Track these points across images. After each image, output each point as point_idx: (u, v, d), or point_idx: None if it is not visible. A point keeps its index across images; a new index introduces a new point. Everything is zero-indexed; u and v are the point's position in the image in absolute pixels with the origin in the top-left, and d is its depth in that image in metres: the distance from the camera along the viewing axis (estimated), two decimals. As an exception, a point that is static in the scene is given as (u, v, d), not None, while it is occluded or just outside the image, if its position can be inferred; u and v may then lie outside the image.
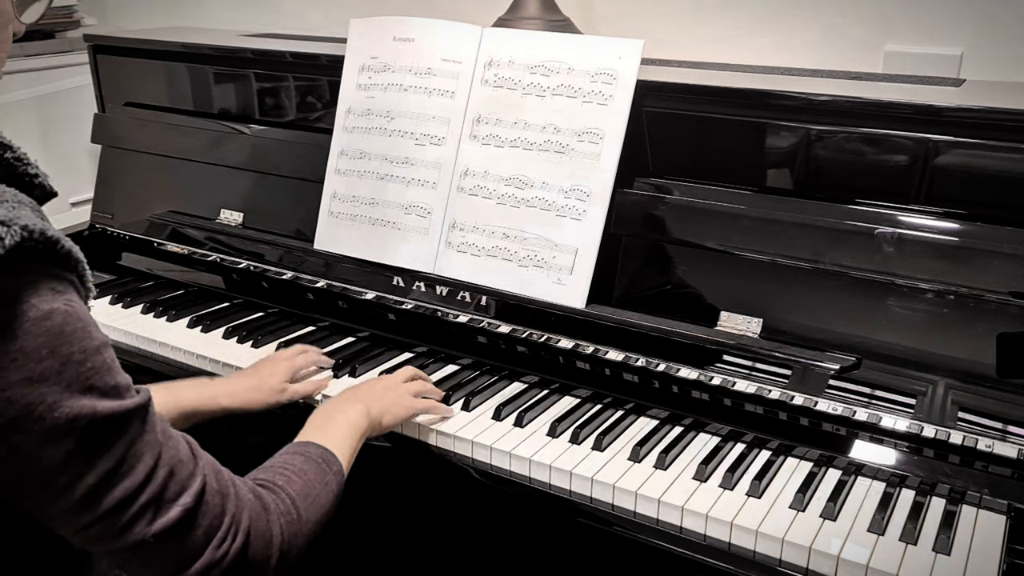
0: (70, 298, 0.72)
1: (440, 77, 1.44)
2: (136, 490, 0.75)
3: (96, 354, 0.72)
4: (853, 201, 1.20)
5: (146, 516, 0.76)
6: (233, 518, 0.82)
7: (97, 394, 0.72)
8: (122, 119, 1.87)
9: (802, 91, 1.22)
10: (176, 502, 0.77)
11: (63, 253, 0.72)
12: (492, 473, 1.19)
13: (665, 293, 1.31)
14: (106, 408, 0.72)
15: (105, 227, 1.85)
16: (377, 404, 1.18)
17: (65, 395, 0.70)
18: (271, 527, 0.86)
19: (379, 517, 1.64)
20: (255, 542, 0.83)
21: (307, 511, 0.92)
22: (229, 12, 2.27)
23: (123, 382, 0.75)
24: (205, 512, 0.79)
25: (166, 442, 0.78)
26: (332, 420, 1.11)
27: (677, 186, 1.31)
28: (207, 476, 0.81)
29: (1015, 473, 1.07)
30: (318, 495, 0.95)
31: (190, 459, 0.80)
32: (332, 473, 1.00)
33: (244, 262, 1.64)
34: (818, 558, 1.00)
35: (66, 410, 0.70)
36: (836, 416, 1.15)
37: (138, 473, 0.75)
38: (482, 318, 1.39)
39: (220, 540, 0.80)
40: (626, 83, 1.29)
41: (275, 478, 0.93)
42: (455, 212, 1.42)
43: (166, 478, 0.77)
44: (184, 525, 0.78)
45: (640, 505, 1.10)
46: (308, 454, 1.00)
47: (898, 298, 1.16)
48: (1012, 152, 1.11)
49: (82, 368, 0.71)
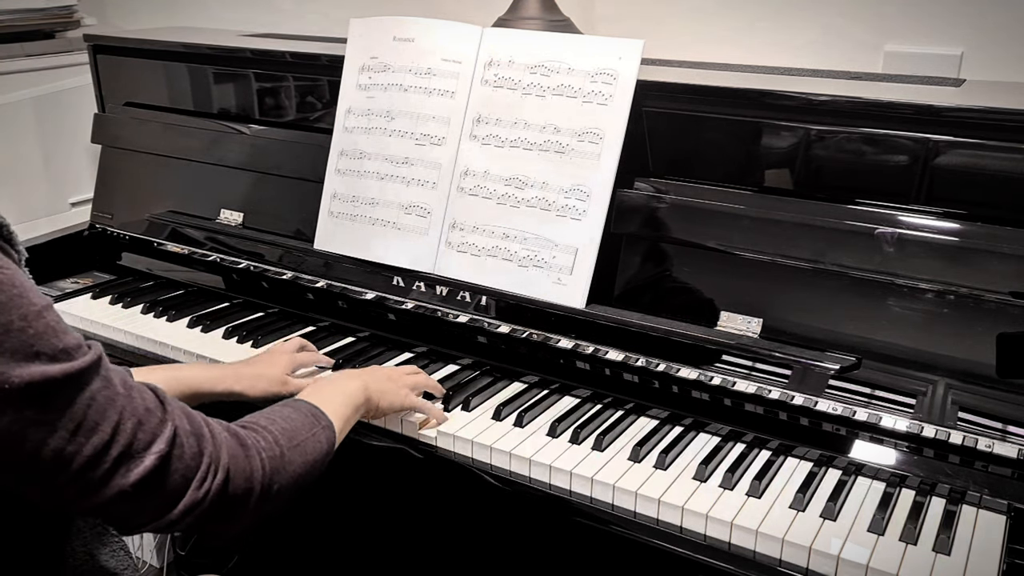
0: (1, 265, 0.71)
1: (440, 77, 1.44)
2: (105, 445, 0.75)
3: (38, 318, 0.71)
4: (853, 201, 1.20)
5: (120, 469, 0.76)
6: (211, 457, 0.82)
7: (46, 359, 0.71)
8: (122, 119, 1.87)
9: (802, 91, 1.22)
10: (149, 450, 0.77)
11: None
12: (492, 473, 1.19)
13: (665, 293, 1.31)
14: (58, 371, 0.72)
15: (105, 227, 1.85)
16: (376, 385, 1.18)
17: (11, 364, 0.69)
18: (251, 462, 0.86)
19: (379, 516, 1.65)
20: (235, 478, 0.84)
21: (291, 452, 0.92)
22: (229, 12, 2.27)
23: (72, 343, 0.74)
24: (181, 456, 0.80)
25: (129, 393, 0.78)
26: (329, 388, 1.12)
27: (677, 186, 1.31)
28: (177, 420, 0.81)
29: (1015, 473, 1.07)
30: (304, 440, 0.95)
31: (157, 406, 0.80)
32: (321, 427, 1.00)
33: (244, 262, 1.64)
34: (818, 558, 1.00)
35: (16, 379, 0.69)
36: (836, 416, 1.15)
37: (104, 429, 0.75)
38: (482, 318, 1.39)
39: (200, 480, 0.81)
40: (626, 83, 1.29)
41: (258, 420, 0.94)
42: (455, 212, 1.42)
43: (134, 428, 0.77)
44: (161, 471, 0.78)
45: (640, 505, 1.10)
46: (297, 407, 1.01)
47: (898, 298, 1.16)
48: (1012, 152, 1.11)
49: (24, 335, 0.70)
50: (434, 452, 1.24)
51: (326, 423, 1.01)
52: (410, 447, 1.25)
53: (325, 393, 1.10)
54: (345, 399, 1.11)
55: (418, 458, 1.24)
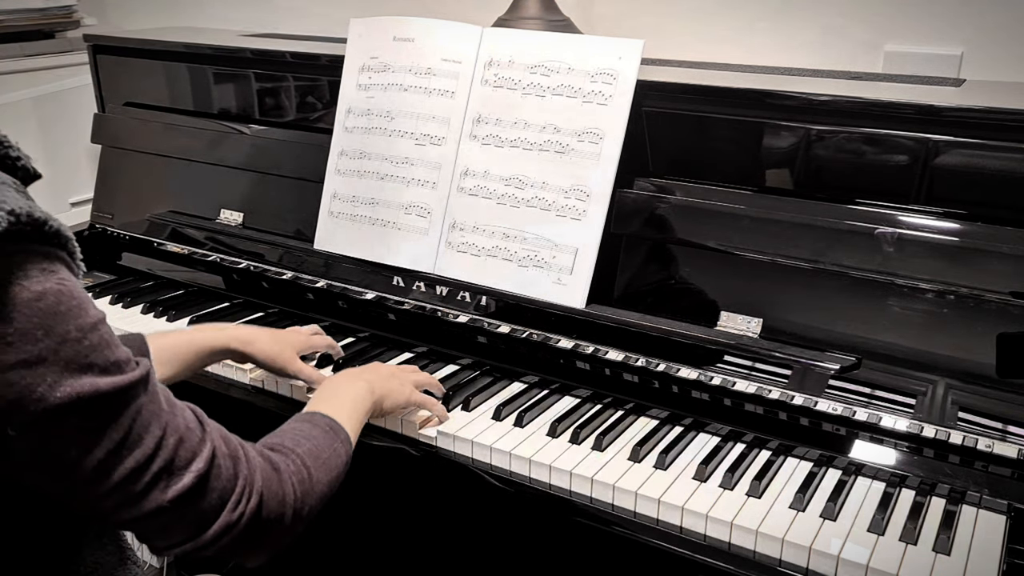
0: (62, 277, 0.72)
1: (440, 77, 1.44)
2: (147, 460, 0.75)
3: (93, 331, 0.72)
4: (853, 201, 1.20)
5: (160, 484, 0.77)
6: (246, 480, 0.83)
7: (97, 371, 0.72)
8: (122, 119, 1.87)
9: (802, 91, 1.22)
10: (188, 468, 0.78)
11: (51, 232, 0.71)
12: (492, 473, 1.19)
13: (665, 293, 1.31)
14: (107, 384, 0.73)
15: (105, 227, 1.85)
16: (380, 386, 1.19)
17: (64, 375, 0.70)
18: (283, 486, 0.87)
19: (378, 516, 1.64)
20: (269, 502, 0.85)
21: (317, 471, 0.93)
22: (229, 12, 2.27)
23: (123, 356, 0.75)
24: (218, 476, 0.81)
25: (172, 410, 0.79)
26: (338, 394, 1.12)
27: (677, 186, 1.31)
28: (216, 441, 0.82)
29: (1015, 473, 1.07)
30: (328, 458, 0.96)
31: (197, 426, 0.81)
32: (340, 441, 1.01)
33: (244, 262, 1.64)
34: (818, 558, 1.00)
35: (67, 389, 0.70)
36: (836, 416, 1.15)
37: (147, 443, 0.76)
38: (482, 318, 1.39)
39: (235, 502, 0.82)
40: (626, 83, 1.29)
41: (284, 441, 0.94)
42: (455, 212, 1.42)
43: (176, 445, 0.78)
44: (198, 490, 0.79)
45: (640, 505, 1.10)
46: (315, 422, 1.01)
47: (898, 298, 1.16)
48: (1012, 152, 1.11)
49: (79, 346, 0.71)
50: (434, 452, 1.24)
51: (344, 436, 1.02)
52: (410, 447, 1.25)
53: (336, 401, 1.10)
54: (355, 405, 1.11)
55: (418, 458, 1.24)
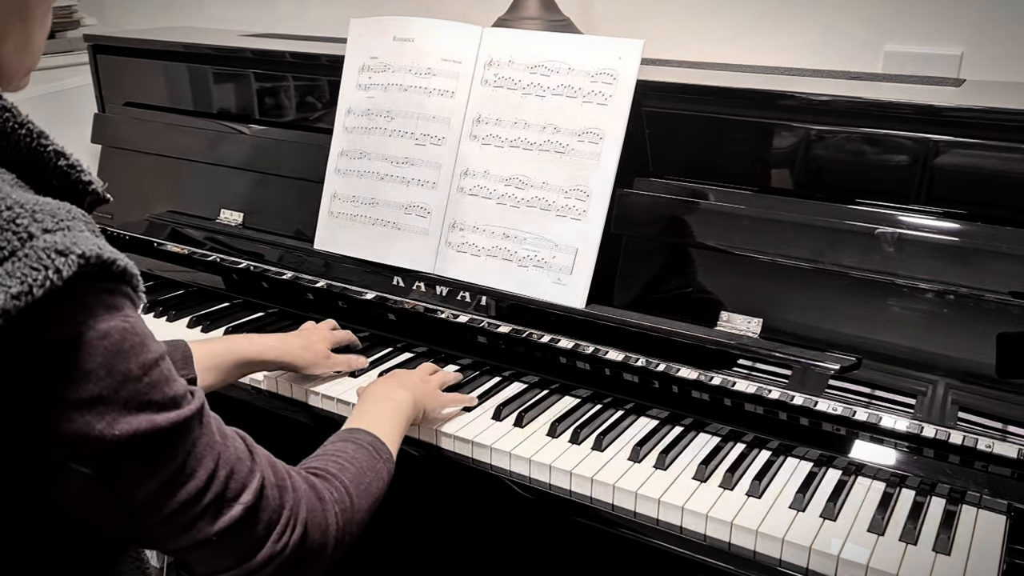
0: (127, 314, 0.71)
1: (440, 77, 1.44)
2: (199, 492, 0.75)
3: (154, 367, 0.72)
4: (853, 201, 1.20)
5: (208, 515, 0.77)
6: (292, 511, 0.83)
7: (155, 408, 0.72)
8: (122, 119, 1.87)
9: (802, 91, 1.22)
10: (238, 500, 0.78)
11: (119, 271, 0.71)
12: (492, 473, 1.19)
13: (665, 293, 1.31)
14: (165, 420, 0.72)
15: (105, 227, 1.85)
16: (418, 391, 1.20)
17: (123, 412, 0.70)
18: (327, 516, 0.88)
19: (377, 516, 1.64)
20: (312, 532, 0.85)
21: (359, 499, 0.94)
22: (229, 12, 2.27)
23: (180, 391, 0.75)
24: (265, 507, 0.81)
25: (224, 442, 0.79)
26: (380, 406, 1.13)
27: (677, 186, 1.31)
28: (264, 471, 0.82)
29: (1015, 473, 1.07)
30: (370, 483, 0.97)
31: (247, 456, 0.81)
32: (382, 461, 1.01)
33: (244, 262, 1.64)
34: (818, 558, 1.00)
35: (125, 427, 0.70)
36: (836, 416, 1.15)
37: (200, 476, 0.75)
38: (482, 318, 1.39)
39: (280, 533, 0.82)
40: (626, 83, 1.29)
41: (328, 466, 0.94)
42: (455, 212, 1.42)
43: (227, 478, 0.78)
44: (246, 521, 0.79)
45: (640, 505, 1.10)
46: (359, 441, 1.02)
47: (898, 298, 1.16)
48: (1012, 152, 1.11)
49: (140, 384, 0.71)
50: (434, 452, 1.24)
51: (387, 456, 1.03)
52: (410, 447, 1.25)
53: (379, 414, 1.10)
54: (397, 416, 1.12)
55: (418, 458, 1.24)
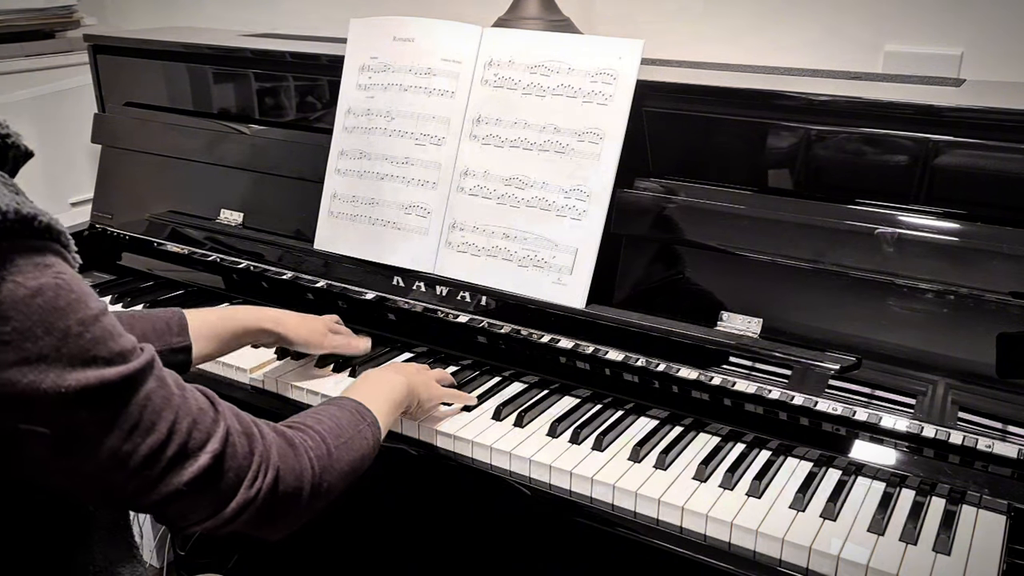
0: (59, 270, 0.71)
1: (440, 77, 1.44)
2: (162, 444, 0.76)
3: (95, 323, 0.72)
4: (853, 201, 1.20)
5: (176, 467, 0.77)
6: (262, 456, 0.84)
7: (102, 363, 0.72)
8: (122, 119, 1.87)
9: (802, 91, 1.22)
10: (203, 449, 0.79)
11: (42, 227, 0.71)
12: (492, 473, 1.19)
13: (665, 293, 1.31)
14: (114, 374, 0.72)
15: (105, 227, 1.85)
16: (414, 379, 1.21)
17: (68, 369, 0.70)
18: (299, 460, 0.88)
19: (377, 515, 1.65)
20: (285, 476, 0.85)
21: (338, 449, 0.94)
22: (229, 12, 2.27)
23: (127, 345, 0.75)
24: (233, 455, 0.81)
25: (183, 394, 0.79)
26: (371, 384, 1.14)
27: (677, 186, 1.31)
28: (229, 420, 0.82)
29: (1015, 473, 1.07)
30: (351, 438, 0.97)
31: (209, 407, 0.82)
32: (366, 424, 1.02)
33: (244, 262, 1.64)
34: (818, 558, 1.00)
35: (72, 383, 0.70)
36: (836, 416, 1.15)
37: (160, 428, 0.76)
38: (482, 318, 1.39)
39: (252, 479, 0.82)
40: (626, 83, 1.29)
41: (304, 419, 0.95)
42: (455, 212, 1.42)
43: (189, 428, 0.78)
44: (215, 470, 0.79)
45: (640, 505, 1.10)
46: (341, 404, 1.03)
47: (898, 298, 1.16)
48: (1012, 152, 1.11)
49: (82, 340, 0.71)
50: (434, 452, 1.24)
51: (371, 420, 1.03)
52: (409, 446, 1.25)
53: (370, 390, 1.11)
54: (389, 395, 1.13)
55: (417, 458, 1.24)
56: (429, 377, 1.26)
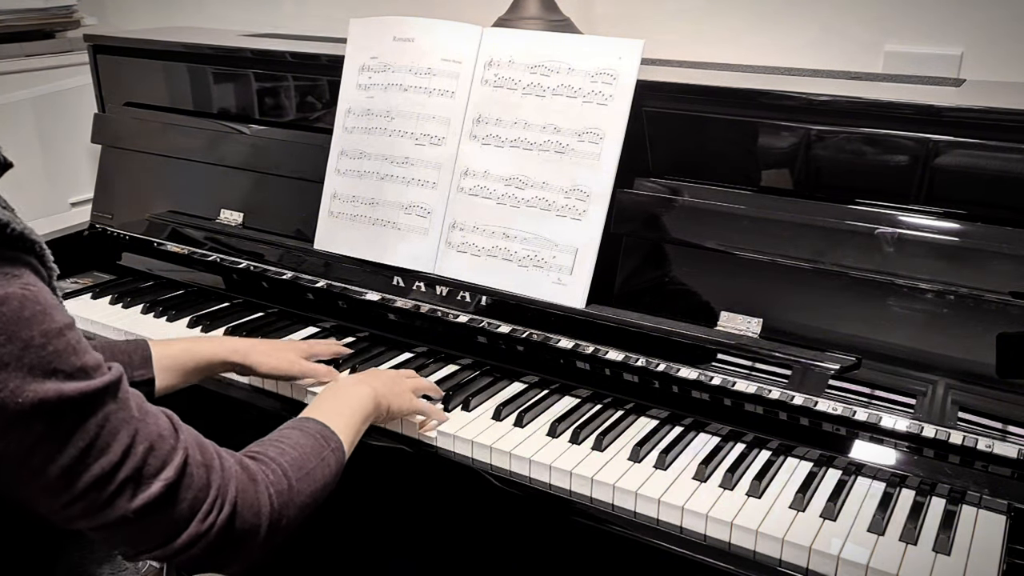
0: (27, 282, 0.71)
1: (440, 77, 1.44)
2: (114, 467, 0.74)
3: (58, 336, 0.72)
4: (853, 201, 1.20)
5: (126, 492, 0.75)
6: (219, 490, 0.82)
7: (62, 376, 0.71)
8: (122, 119, 1.87)
9: (802, 91, 1.22)
10: (157, 477, 0.77)
11: (14, 236, 0.71)
12: (492, 473, 1.19)
13: (665, 293, 1.31)
14: (73, 389, 0.72)
15: (105, 227, 1.85)
16: (384, 390, 1.18)
17: (28, 380, 0.69)
18: (259, 497, 0.85)
19: (378, 516, 1.64)
20: (243, 512, 0.83)
21: (300, 482, 0.91)
22: (229, 12, 2.27)
23: (91, 362, 0.74)
24: (189, 485, 0.79)
25: (143, 418, 0.78)
26: (337, 398, 1.12)
27: (677, 186, 1.31)
28: (189, 449, 0.81)
29: (1015, 473, 1.07)
30: (313, 468, 0.94)
31: (171, 433, 0.80)
32: (330, 450, 0.99)
33: (244, 262, 1.64)
34: (818, 558, 1.00)
35: (30, 395, 0.69)
36: (836, 416, 1.15)
37: (114, 450, 0.74)
38: (482, 318, 1.39)
39: (206, 512, 0.80)
40: (626, 83, 1.29)
41: (267, 450, 0.92)
42: (455, 212, 1.42)
43: (145, 453, 0.76)
44: (167, 499, 0.78)
45: (640, 505, 1.10)
46: (305, 428, 0.99)
47: (898, 298, 1.16)
48: (1012, 152, 1.11)
49: (43, 352, 0.70)
50: (434, 452, 1.24)
51: (335, 444, 1.00)
52: (409, 447, 1.25)
53: (334, 405, 1.08)
54: (354, 410, 1.10)
55: (417, 458, 1.24)
56: (405, 387, 1.23)
